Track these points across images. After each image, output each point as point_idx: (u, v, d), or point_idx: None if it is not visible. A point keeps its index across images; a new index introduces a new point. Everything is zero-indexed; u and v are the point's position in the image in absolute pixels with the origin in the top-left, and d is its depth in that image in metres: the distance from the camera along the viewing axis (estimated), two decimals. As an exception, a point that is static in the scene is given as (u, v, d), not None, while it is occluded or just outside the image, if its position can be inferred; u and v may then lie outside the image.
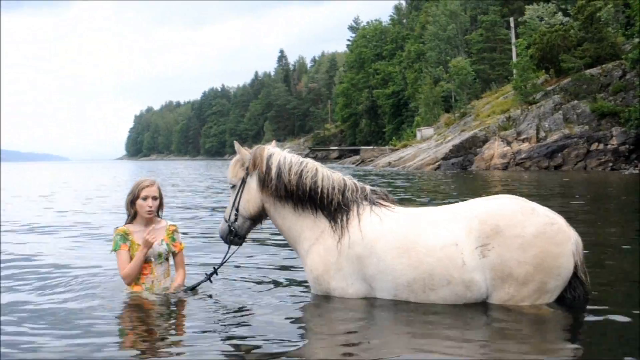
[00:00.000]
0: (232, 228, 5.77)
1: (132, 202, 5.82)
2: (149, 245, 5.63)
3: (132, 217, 5.87)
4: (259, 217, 5.80)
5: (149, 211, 5.80)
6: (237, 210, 5.72)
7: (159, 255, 5.86)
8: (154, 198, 5.83)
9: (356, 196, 5.53)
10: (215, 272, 6.05)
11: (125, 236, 5.78)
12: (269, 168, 5.54)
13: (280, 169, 5.51)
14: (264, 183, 5.57)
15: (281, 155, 5.61)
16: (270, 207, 5.66)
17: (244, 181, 5.70)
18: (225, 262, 6.03)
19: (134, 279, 5.76)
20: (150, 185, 5.84)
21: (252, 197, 5.67)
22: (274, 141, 6.08)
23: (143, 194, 5.78)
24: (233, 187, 5.80)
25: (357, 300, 5.32)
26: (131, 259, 5.72)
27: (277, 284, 6.45)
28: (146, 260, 5.76)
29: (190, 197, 20.40)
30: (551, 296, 5.04)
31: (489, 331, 4.67)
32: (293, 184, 5.47)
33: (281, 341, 4.54)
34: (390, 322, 4.97)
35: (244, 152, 5.72)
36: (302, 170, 5.51)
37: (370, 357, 4.21)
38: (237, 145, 5.76)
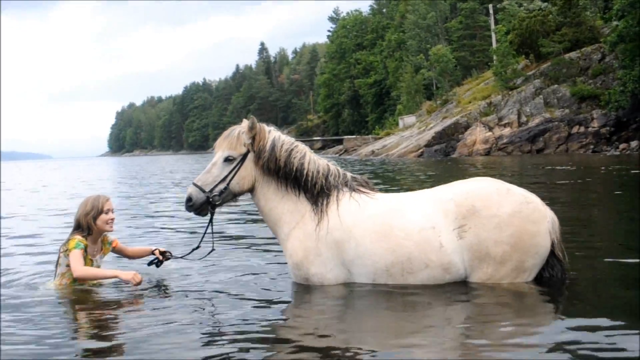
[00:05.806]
0: (210, 199, 5.57)
1: (95, 218, 5.88)
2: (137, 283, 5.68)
3: (88, 233, 5.93)
4: (246, 193, 5.72)
5: (111, 223, 6.00)
6: (227, 184, 5.56)
7: (98, 267, 6.09)
8: (112, 210, 6.04)
9: (337, 182, 5.56)
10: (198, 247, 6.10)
11: (85, 245, 5.86)
12: (266, 141, 5.54)
13: (274, 143, 5.54)
14: (259, 155, 5.53)
15: (277, 133, 5.67)
16: (258, 185, 5.64)
17: (244, 157, 5.58)
18: (206, 235, 5.95)
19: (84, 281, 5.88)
20: (108, 199, 6.06)
21: (248, 173, 5.59)
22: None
23: (105, 207, 5.94)
24: (227, 160, 5.57)
25: (337, 287, 5.32)
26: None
27: (253, 270, 6.44)
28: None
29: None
30: (529, 275, 5.07)
31: (469, 311, 4.67)
32: (282, 160, 5.48)
33: (259, 330, 4.52)
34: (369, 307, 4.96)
35: (263, 129, 5.59)
36: (292, 150, 5.56)
37: (350, 345, 4.20)
38: (254, 119, 5.58)
